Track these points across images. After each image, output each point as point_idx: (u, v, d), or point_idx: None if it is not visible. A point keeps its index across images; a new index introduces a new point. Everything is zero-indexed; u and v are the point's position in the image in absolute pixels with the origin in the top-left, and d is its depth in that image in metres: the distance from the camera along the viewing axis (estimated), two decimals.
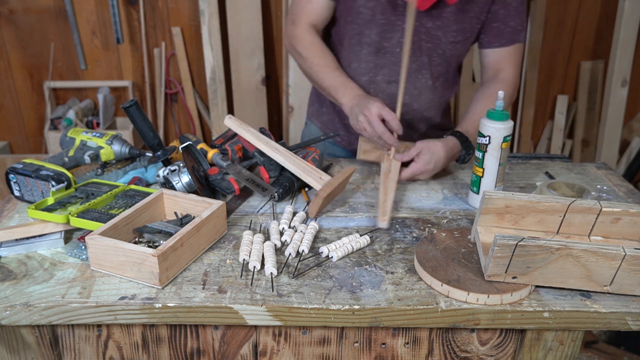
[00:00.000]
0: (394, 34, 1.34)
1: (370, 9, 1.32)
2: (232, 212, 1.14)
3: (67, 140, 1.24)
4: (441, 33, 1.33)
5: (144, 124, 1.17)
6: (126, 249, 0.87)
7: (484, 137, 1.11)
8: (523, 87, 2.86)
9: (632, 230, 0.94)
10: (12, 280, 0.90)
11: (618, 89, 2.77)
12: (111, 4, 2.68)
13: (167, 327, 0.91)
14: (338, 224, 1.09)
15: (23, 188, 1.14)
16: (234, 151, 1.28)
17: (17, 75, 2.86)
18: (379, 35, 1.35)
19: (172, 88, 2.93)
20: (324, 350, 0.93)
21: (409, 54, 1.21)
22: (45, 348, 0.92)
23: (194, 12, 2.77)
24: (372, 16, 1.32)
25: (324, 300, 0.85)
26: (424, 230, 1.08)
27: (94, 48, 2.82)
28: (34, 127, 2.99)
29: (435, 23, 1.32)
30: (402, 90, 1.23)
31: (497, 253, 0.82)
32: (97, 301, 0.84)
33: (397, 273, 0.93)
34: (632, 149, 2.92)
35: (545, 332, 0.89)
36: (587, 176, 1.34)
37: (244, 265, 0.94)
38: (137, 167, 1.27)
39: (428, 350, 0.93)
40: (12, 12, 2.72)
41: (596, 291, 0.87)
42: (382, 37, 1.35)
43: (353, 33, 1.37)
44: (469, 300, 0.85)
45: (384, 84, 1.41)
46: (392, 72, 1.39)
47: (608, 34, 2.81)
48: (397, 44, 1.35)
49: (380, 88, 1.42)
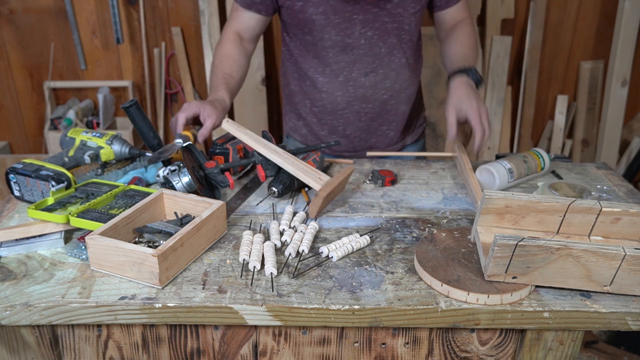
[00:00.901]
0: (353, 29, 1.36)
1: (322, 13, 1.33)
2: (232, 212, 1.14)
3: (67, 140, 1.24)
4: (402, 9, 1.36)
5: (144, 124, 1.18)
6: (126, 249, 0.87)
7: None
8: (523, 87, 2.86)
9: (632, 230, 0.94)
10: (12, 280, 0.90)
11: (618, 89, 2.77)
12: (111, 4, 2.68)
13: (167, 327, 0.91)
14: (338, 224, 1.09)
15: (23, 188, 1.14)
16: (235, 151, 1.28)
17: (17, 75, 2.86)
18: (339, 35, 1.37)
19: (172, 88, 2.93)
20: (324, 350, 0.93)
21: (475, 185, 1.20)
22: (45, 348, 0.92)
23: (194, 12, 2.77)
24: (326, 19, 1.34)
25: (324, 300, 0.85)
26: (424, 230, 1.08)
27: (94, 48, 2.82)
28: (34, 127, 2.99)
29: (393, 2, 1.34)
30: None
31: (497, 253, 0.82)
32: (97, 301, 0.84)
33: (397, 273, 0.93)
34: (632, 149, 2.92)
35: (545, 332, 0.89)
36: (587, 176, 1.34)
37: (244, 265, 0.94)
38: (137, 167, 1.26)
39: (428, 350, 0.93)
40: (12, 12, 2.72)
41: (596, 291, 0.87)
42: (343, 35, 1.37)
43: (315, 41, 1.39)
44: (469, 300, 0.85)
45: (361, 78, 1.43)
46: (365, 64, 1.41)
47: (608, 34, 2.81)
48: (360, 36, 1.37)
49: (359, 83, 1.44)
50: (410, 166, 1.39)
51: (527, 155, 1.27)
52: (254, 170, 1.34)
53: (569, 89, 2.97)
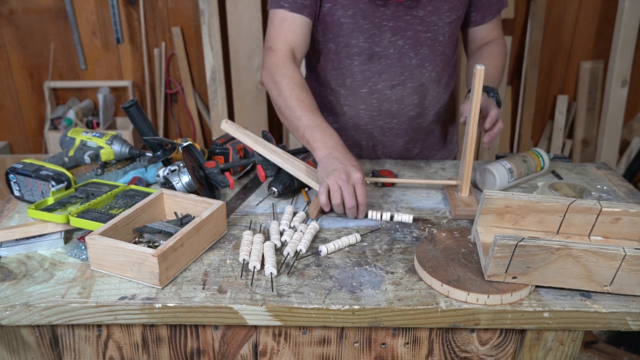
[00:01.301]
0: (383, 36, 1.27)
1: (351, 17, 1.24)
2: (232, 212, 1.14)
3: (67, 140, 1.24)
4: (436, 17, 1.26)
5: (144, 124, 1.17)
6: (126, 249, 0.87)
7: None
8: (523, 87, 2.86)
9: (632, 230, 0.94)
10: (12, 280, 0.90)
11: (618, 89, 2.77)
12: (111, 4, 2.68)
13: (167, 327, 0.91)
14: (338, 224, 1.09)
15: (23, 188, 1.14)
16: (235, 151, 1.28)
17: (17, 75, 2.86)
18: (367, 42, 1.28)
19: (172, 88, 2.93)
20: (324, 350, 0.93)
21: (476, 119, 1.09)
22: (45, 348, 0.92)
23: (194, 12, 2.77)
24: (355, 23, 1.25)
25: (324, 300, 0.85)
26: (424, 230, 1.08)
27: (94, 48, 2.82)
28: (34, 127, 2.99)
29: (426, 9, 1.25)
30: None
31: (497, 253, 0.82)
32: (97, 301, 0.84)
33: (397, 273, 0.93)
34: (632, 149, 2.92)
35: (545, 332, 0.89)
36: (587, 176, 1.34)
37: (244, 265, 0.94)
38: (137, 167, 1.27)
39: (428, 351, 0.93)
40: (12, 12, 2.72)
41: (596, 291, 0.87)
42: (371, 42, 1.28)
43: (339, 47, 1.30)
44: (469, 300, 0.85)
45: (387, 91, 1.35)
46: (392, 76, 1.33)
47: (608, 34, 2.81)
48: (389, 44, 1.28)
49: (384, 96, 1.36)
50: (410, 166, 1.39)
51: (527, 155, 1.27)
52: (254, 170, 1.34)
53: (569, 89, 2.97)
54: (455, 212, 1.12)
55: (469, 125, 1.10)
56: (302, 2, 1.23)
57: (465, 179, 1.15)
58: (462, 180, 1.16)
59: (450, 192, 1.19)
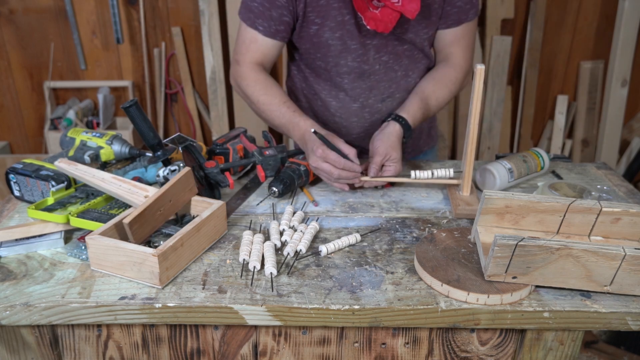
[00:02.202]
0: (368, 55, 1.30)
1: (339, 38, 1.27)
2: (232, 212, 1.14)
3: (67, 140, 1.24)
4: (413, 35, 1.30)
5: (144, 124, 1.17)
6: (126, 249, 0.87)
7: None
8: (523, 87, 2.86)
9: (632, 230, 0.94)
10: (12, 280, 0.90)
11: (618, 89, 2.77)
12: (111, 4, 2.68)
13: (167, 327, 0.91)
14: (338, 224, 1.09)
15: (23, 188, 1.14)
16: (235, 151, 1.28)
17: (17, 75, 2.86)
18: (355, 61, 1.31)
19: (172, 88, 2.93)
20: (324, 350, 0.93)
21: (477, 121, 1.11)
22: (45, 348, 0.92)
23: (194, 12, 2.77)
24: (343, 45, 1.28)
25: (324, 300, 0.85)
26: (424, 230, 1.08)
27: (94, 48, 2.82)
28: (34, 127, 2.99)
29: (403, 27, 1.28)
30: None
31: (497, 253, 0.82)
32: (97, 301, 0.84)
33: (397, 273, 0.93)
34: (632, 149, 2.92)
35: (545, 332, 0.89)
36: (587, 176, 1.34)
37: (244, 265, 0.94)
38: (137, 167, 1.26)
39: (428, 350, 0.93)
40: (12, 12, 2.72)
41: (596, 291, 0.87)
42: (359, 61, 1.31)
43: (329, 66, 1.33)
44: (469, 300, 0.85)
45: (378, 104, 1.39)
46: (382, 90, 1.37)
47: (608, 34, 2.81)
48: (374, 61, 1.32)
49: (375, 109, 1.39)
50: (410, 166, 1.39)
51: (527, 155, 1.27)
52: (254, 170, 1.34)
53: (569, 89, 2.97)
54: (457, 211, 1.12)
55: (469, 125, 1.10)
56: (276, 27, 1.26)
57: (467, 177, 1.15)
58: (464, 179, 1.16)
59: (451, 191, 1.19)
